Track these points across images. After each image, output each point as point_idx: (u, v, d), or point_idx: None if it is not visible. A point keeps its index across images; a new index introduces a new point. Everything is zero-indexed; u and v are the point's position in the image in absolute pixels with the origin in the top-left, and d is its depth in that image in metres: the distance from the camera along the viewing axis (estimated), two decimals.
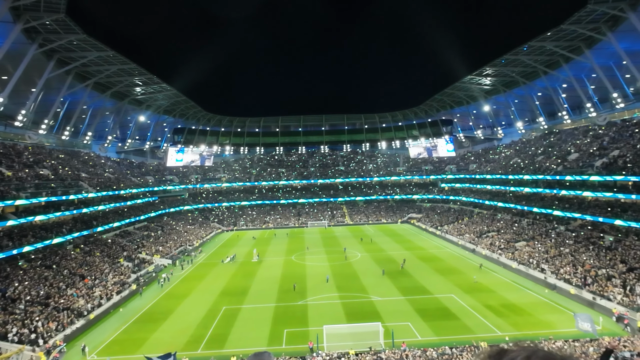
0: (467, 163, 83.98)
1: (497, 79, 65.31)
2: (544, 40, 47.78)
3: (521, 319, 28.89)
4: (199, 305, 34.17)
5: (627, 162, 41.36)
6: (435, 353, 21.87)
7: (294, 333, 27.70)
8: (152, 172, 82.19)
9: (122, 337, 28.08)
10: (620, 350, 20.39)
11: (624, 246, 37.20)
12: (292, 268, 46.42)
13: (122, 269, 42.39)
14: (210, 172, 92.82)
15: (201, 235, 67.70)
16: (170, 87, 64.51)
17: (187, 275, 44.94)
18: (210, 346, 25.95)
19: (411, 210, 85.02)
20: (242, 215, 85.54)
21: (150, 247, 53.89)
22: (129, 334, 28.59)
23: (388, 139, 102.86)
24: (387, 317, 29.78)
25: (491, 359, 1.11)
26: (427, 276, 40.81)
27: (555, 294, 34.06)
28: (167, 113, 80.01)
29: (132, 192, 63.53)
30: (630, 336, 24.80)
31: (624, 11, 38.10)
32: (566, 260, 38.30)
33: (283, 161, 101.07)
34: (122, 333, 28.87)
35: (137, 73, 56.57)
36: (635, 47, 41.36)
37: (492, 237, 52.92)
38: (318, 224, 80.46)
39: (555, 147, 58.95)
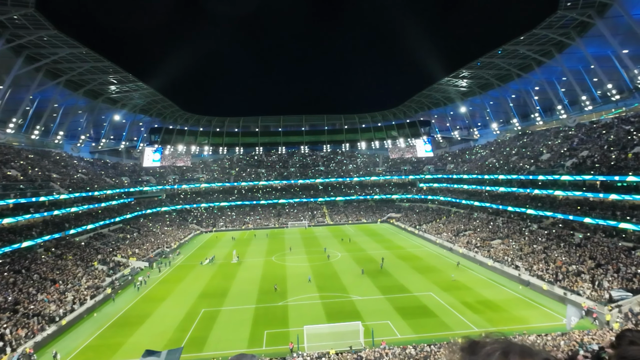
0: (444, 163, 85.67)
1: (473, 81, 66.91)
2: (518, 44, 49.28)
3: (496, 315, 29.69)
4: (177, 308, 33.53)
5: (595, 162, 43.14)
6: (414, 350, 22.20)
7: (274, 334, 27.56)
8: (127, 172, 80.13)
9: (96, 343, 27.25)
10: (589, 343, 21.25)
11: (592, 243, 38.77)
12: (272, 269, 46.18)
13: (96, 272, 41.13)
14: (188, 173, 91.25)
15: (179, 236, 66.47)
16: (146, 85, 63.03)
17: (164, 278, 44.03)
18: (189, 349, 25.50)
19: (390, 210, 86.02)
20: (221, 216, 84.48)
21: (126, 249, 52.50)
22: (103, 339, 27.77)
23: (368, 139, 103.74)
24: (367, 316, 30.03)
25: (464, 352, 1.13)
26: (406, 275, 41.38)
27: (529, 290, 35.16)
28: (143, 112, 78.16)
29: (107, 193, 61.78)
30: (598, 329, 25.89)
31: (591, 17, 39.73)
32: (539, 257, 39.61)
33: (263, 161, 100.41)
34: (96, 338, 28.01)
35: (111, 71, 55.03)
36: (602, 52, 43.18)
37: (469, 236, 54.16)
38: (298, 225, 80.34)
39: (529, 147, 60.88)
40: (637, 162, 37.73)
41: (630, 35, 37.70)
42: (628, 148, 41.20)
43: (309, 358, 22.19)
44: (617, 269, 32.22)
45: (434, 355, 21.29)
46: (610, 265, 33.09)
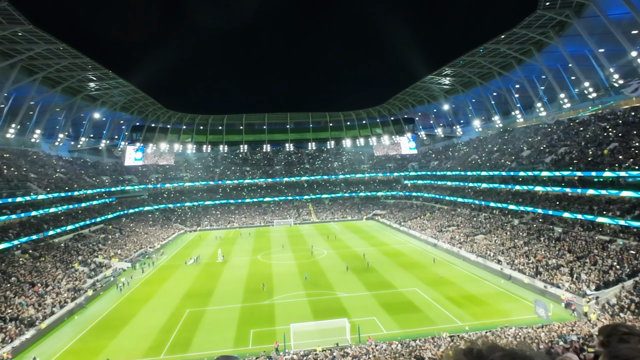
0: (428, 160, 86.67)
1: (455, 79, 67.78)
2: (498, 42, 50.10)
3: (480, 309, 30.26)
4: (161, 309, 33.05)
5: (573, 158, 44.34)
6: (400, 346, 22.44)
7: (260, 333, 27.46)
8: (108, 171, 78.41)
9: (77, 347, 26.64)
10: (568, 334, 21.86)
11: (570, 237, 39.87)
12: (258, 267, 45.96)
13: (76, 274, 40.18)
14: (171, 171, 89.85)
15: (162, 236, 65.49)
16: (127, 82, 61.60)
17: (148, 279, 43.33)
18: (174, 351, 25.20)
19: (376, 207, 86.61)
20: (205, 215, 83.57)
21: (107, 250, 51.42)
22: (85, 343, 27.17)
23: (353, 136, 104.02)
24: (353, 312, 30.21)
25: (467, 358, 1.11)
26: (392, 271, 41.77)
27: (511, 283, 35.94)
28: (124, 110, 76.44)
29: (87, 193, 60.35)
30: (577, 320, 26.68)
31: (569, 17, 40.68)
32: (520, 252, 40.53)
33: (248, 159, 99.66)
34: (77, 342, 27.38)
35: (90, 67, 53.55)
36: (579, 51, 44.27)
37: (452, 232, 55.00)
38: (284, 223, 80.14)
39: (510, 144, 62.12)
40: (613, 158, 38.95)
41: (606, 35, 38.76)
42: (604, 145, 42.48)
43: (295, 356, 22.18)
44: (595, 261, 33.22)
45: (419, 350, 21.56)
46: (588, 258, 34.10)
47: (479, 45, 51.78)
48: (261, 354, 22.93)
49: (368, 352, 21.75)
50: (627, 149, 38.84)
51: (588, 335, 20.11)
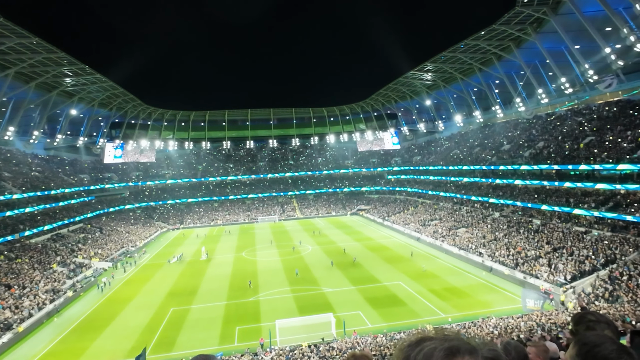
0: (411, 155, 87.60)
1: (437, 75, 68.51)
2: (479, 39, 50.84)
3: (462, 300, 30.90)
4: (144, 309, 32.56)
5: (550, 152, 45.56)
6: (385, 339, 22.74)
7: (246, 330, 27.39)
8: (87, 169, 76.44)
9: (58, 349, 26.03)
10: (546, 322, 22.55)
11: (548, 228, 41.04)
12: (243, 264, 45.72)
13: (55, 275, 39.14)
14: (152, 169, 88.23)
15: (144, 235, 64.37)
16: (105, 78, 59.91)
17: (130, 278, 42.59)
18: (158, 350, 24.89)
19: (360, 202, 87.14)
20: (188, 212, 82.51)
21: (87, 250, 50.24)
22: (65, 345, 26.57)
23: (336, 132, 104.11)
24: (339, 307, 30.42)
25: (410, 348, 1.13)
26: (376, 265, 42.18)
27: (492, 275, 36.80)
28: (102, 106, 74.43)
29: (65, 191, 58.72)
30: (554, 309, 27.54)
31: (546, 14, 41.56)
32: (501, 244, 41.51)
33: (231, 156, 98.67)
34: (57, 344, 26.75)
35: (66, 62, 51.85)
36: (556, 48, 45.32)
37: (435, 225, 55.86)
38: (268, 219, 79.85)
39: (490, 139, 63.33)
40: (588, 152, 40.18)
41: (581, 32, 39.77)
42: (580, 139, 43.77)
43: (281, 352, 22.22)
44: (571, 252, 34.29)
45: None
46: (565, 249, 35.18)
47: (460, 41, 52.44)
48: (246, 351, 22.89)
49: (353, 346, 21.96)
50: (602, 143, 40.12)
51: (565, 323, 20.79)
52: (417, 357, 1.08)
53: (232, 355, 22.51)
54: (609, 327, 2.24)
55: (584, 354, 1.53)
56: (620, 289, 26.92)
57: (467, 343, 1.09)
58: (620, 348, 1.50)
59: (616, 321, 15.90)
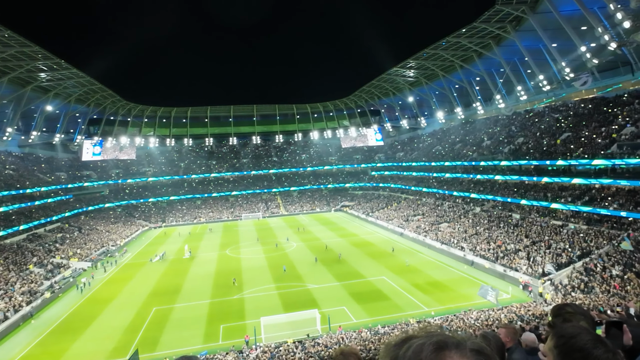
0: (394, 151, 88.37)
1: (419, 72, 69.19)
2: (460, 36, 51.55)
3: (444, 294, 31.47)
4: (126, 309, 31.97)
5: (529, 148, 46.70)
6: (369, 333, 22.98)
7: (231, 328, 27.23)
8: (64, 167, 74.22)
9: (35, 351, 25.32)
10: (526, 313, 23.20)
11: (527, 222, 42.13)
12: (227, 262, 45.38)
13: (32, 276, 38.01)
14: (133, 166, 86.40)
15: (125, 233, 63.09)
16: (82, 73, 58.16)
17: (110, 278, 41.72)
18: (141, 350, 24.43)
19: (344, 199, 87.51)
20: (171, 210, 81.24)
21: (66, 250, 48.95)
22: (44, 347, 25.87)
23: (320, 129, 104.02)
24: (323, 303, 30.56)
25: (397, 347, 1.15)
26: (360, 261, 42.50)
27: (473, 269, 37.57)
28: (80, 102, 72.29)
29: (41, 190, 57.01)
30: (533, 300, 28.35)
31: (525, 13, 42.44)
32: (481, 238, 42.40)
33: (214, 153, 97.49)
34: (35, 346, 26.01)
35: (41, 57, 50.15)
36: (534, 46, 46.36)
37: (418, 221, 56.60)
38: (252, 216, 79.39)
39: (471, 135, 64.46)
40: (565, 147, 41.35)
41: (558, 30, 40.79)
42: (557, 135, 45.00)
43: (266, 349, 22.19)
44: (549, 245, 35.31)
45: (388, 336, 22.19)
46: (543, 243, 36.19)
47: (442, 38, 53.06)
48: (231, 349, 22.78)
49: (339, 341, 22.11)
50: (578, 139, 41.36)
51: (544, 314, 21.43)
52: (407, 354, 1.10)
53: (217, 353, 22.36)
54: (585, 319, 2.34)
55: (561, 346, 1.59)
56: (595, 280, 27.90)
57: (453, 337, 1.12)
58: (596, 338, 1.56)
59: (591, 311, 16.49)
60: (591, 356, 1.49)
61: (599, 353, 1.49)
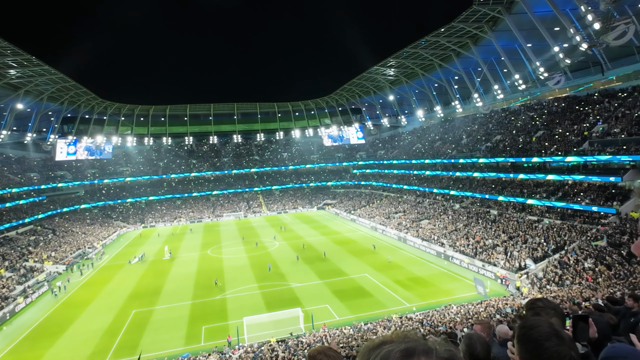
0: (375, 150, 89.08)
1: (399, 71, 69.93)
2: (438, 35, 52.34)
3: (426, 290, 31.98)
4: (104, 312, 31.18)
5: (506, 145, 47.87)
6: (352, 330, 23.13)
7: (213, 329, 26.93)
8: (37, 167, 71.67)
9: (8, 359, 24.40)
10: (504, 307, 23.82)
11: (504, 218, 43.22)
12: (208, 262, 44.82)
13: (3, 281, 36.59)
14: (110, 166, 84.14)
15: (103, 235, 61.46)
16: (54, 70, 56.19)
17: (87, 281, 40.59)
18: (120, 354, 23.96)
19: (326, 197, 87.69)
20: (150, 211, 79.60)
21: (39, 253, 47.31)
22: (16, 354, 24.96)
23: (301, 127, 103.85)
24: (307, 301, 30.58)
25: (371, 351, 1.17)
26: (343, 258, 42.71)
27: (453, 264, 38.31)
28: (52, 100, 69.83)
29: (12, 191, 54.91)
30: (510, 295, 29.13)
31: (501, 13, 43.44)
32: (461, 234, 43.25)
33: (194, 152, 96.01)
34: (8, 354, 25.07)
35: (10, 52, 48.19)
36: (510, 45, 47.51)
37: (399, 218, 57.28)
38: (234, 216, 78.65)
39: (450, 133, 65.62)
40: (540, 145, 42.59)
41: (533, 31, 41.94)
42: (532, 133, 46.30)
43: (249, 349, 22.05)
44: (525, 240, 36.33)
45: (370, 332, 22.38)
46: (520, 237, 37.21)
47: (421, 37, 53.74)
48: (213, 350, 22.54)
49: (322, 339, 22.18)
50: (552, 137, 42.67)
51: (521, 307, 22.04)
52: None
53: (199, 355, 22.08)
54: (556, 313, 2.45)
55: (520, 336, 1.74)
56: (568, 273, 28.88)
57: (424, 344, 1.13)
58: (552, 331, 1.67)
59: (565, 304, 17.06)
60: (541, 347, 1.62)
61: (550, 345, 1.61)
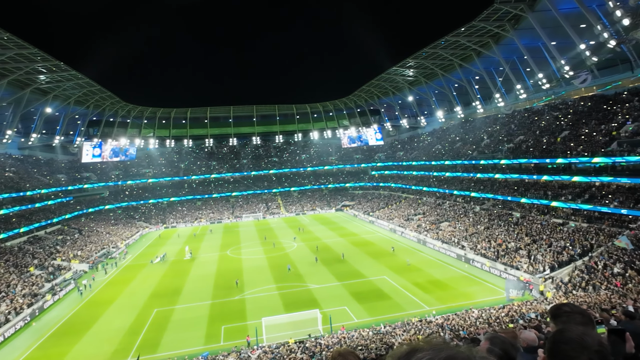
0: (394, 151, 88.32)
1: (419, 71, 69.17)
2: (459, 35, 51.50)
3: (445, 293, 31.44)
4: (126, 311, 31.96)
5: (529, 146, 46.65)
6: (371, 332, 22.95)
7: (232, 329, 27.21)
8: (64, 169, 74.27)
9: (36, 355, 25.30)
10: (527, 312, 23.17)
11: (527, 221, 42.09)
12: (227, 263, 45.36)
13: (32, 278, 38.00)
14: (133, 167, 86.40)
15: (126, 235, 63.09)
16: (81, 74, 58.14)
17: (111, 280, 41.71)
18: (142, 352, 24.46)
19: (344, 198, 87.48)
20: (171, 211, 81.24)
21: (66, 252, 48.94)
22: (44, 350, 25.85)
23: (320, 128, 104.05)
24: (325, 303, 30.54)
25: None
26: (361, 260, 42.48)
27: (474, 267, 37.56)
28: (79, 104, 72.31)
29: (42, 192, 57.01)
30: (534, 299, 28.32)
31: (524, 11, 42.39)
32: (482, 237, 42.36)
33: (214, 153, 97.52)
34: (36, 350, 26.00)
35: (40, 59, 50.13)
36: (533, 44, 46.33)
37: (419, 220, 56.57)
38: (253, 217, 79.40)
39: (471, 134, 64.42)
40: (565, 146, 41.32)
41: (557, 28, 40.74)
42: (557, 133, 44.96)
43: (268, 349, 22.17)
44: (550, 243, 35.28)
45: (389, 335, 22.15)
46: (544, 241, 36.16)
47: (441, 37, 52.99)
48: (233, 350, 22.76)
49: (340, 341, 22.09)
50: (577, 137, 41.33)
51: (545, 313, 21.40)
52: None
53: (218, 354, 22.34)
54: (583, 318, 2.29)
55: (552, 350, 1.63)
56: (596, 278, 27.87)
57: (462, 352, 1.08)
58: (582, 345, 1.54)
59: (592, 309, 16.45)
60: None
61: None
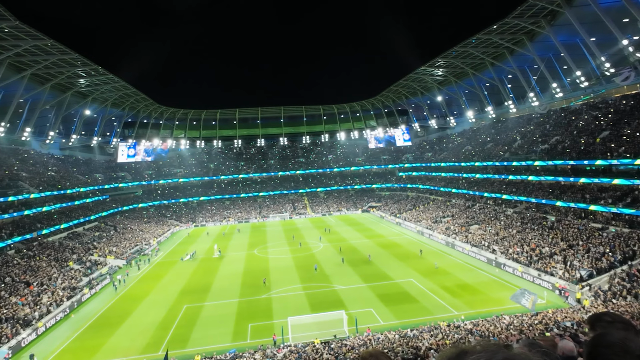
0: (422, 152, 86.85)
1: (448, 70, 67.73)
2: (490, 33, 50.03)
3: (475, 297, 30.59)
4: (158, 306, 33.04)
5: (565, 147, 44.68)
6: (397, 335, 22.65)
7: (258, 327, 27.58)
8: (101, 169, 77.73)
9: (74, 345, 26.59)
10: (562, 320, 22.18)
11: (563, 225, 40.30)
12: (254, 262, 46.03)
13: (72, 272, 39.97)
14: (165, 167, 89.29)
15: (158, 233, 65.24)
16: (117, 78, 60.77)
17: (144, 276, 43.24)
18: (172, 347, 25.23)
19: (371, 199, 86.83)
20: (200, 210, 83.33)
21: (102, 248, 51.18)
22: (81, 341, 27.12)
23: (347, 129, 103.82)
24: (350, 304, 30.42)
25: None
26: (388, 262, 42.02)
27: (505, 272, 36.34)
28: (115, 106, 75.58)
29: (80, 191, 59.86)
30: (570, 307, 27.06)
31: (560, 6, 40.68)
32: (514, 241, 40.93)
33: (242, 154, 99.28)
34: (74, 341, 27.32)
35: (79, 64, 52.72)
36: (571, 40, 44.36)
37: (447, 222, 55.35)
38: (280, 217, 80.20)
39: (503, 134, 62.40)
40: (605, 146, 39.29)
41: (597, 23, 38.83)
42: (596, 133, 42.83)
43: (294, 348, 22.31)
44: (587, 249, 33.64)
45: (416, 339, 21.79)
46: (581, 246, 34.53)
47: (472, 35, 51.67)
48: (259, 348, 23.06)
49: (365, 342, 21.94)
50: (619, 137, 39.21)
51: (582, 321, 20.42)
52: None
53: (245, 351, 22.71)
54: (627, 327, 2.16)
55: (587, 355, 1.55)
56: (638, 286, 26.33)
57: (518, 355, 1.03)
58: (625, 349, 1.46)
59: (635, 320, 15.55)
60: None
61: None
